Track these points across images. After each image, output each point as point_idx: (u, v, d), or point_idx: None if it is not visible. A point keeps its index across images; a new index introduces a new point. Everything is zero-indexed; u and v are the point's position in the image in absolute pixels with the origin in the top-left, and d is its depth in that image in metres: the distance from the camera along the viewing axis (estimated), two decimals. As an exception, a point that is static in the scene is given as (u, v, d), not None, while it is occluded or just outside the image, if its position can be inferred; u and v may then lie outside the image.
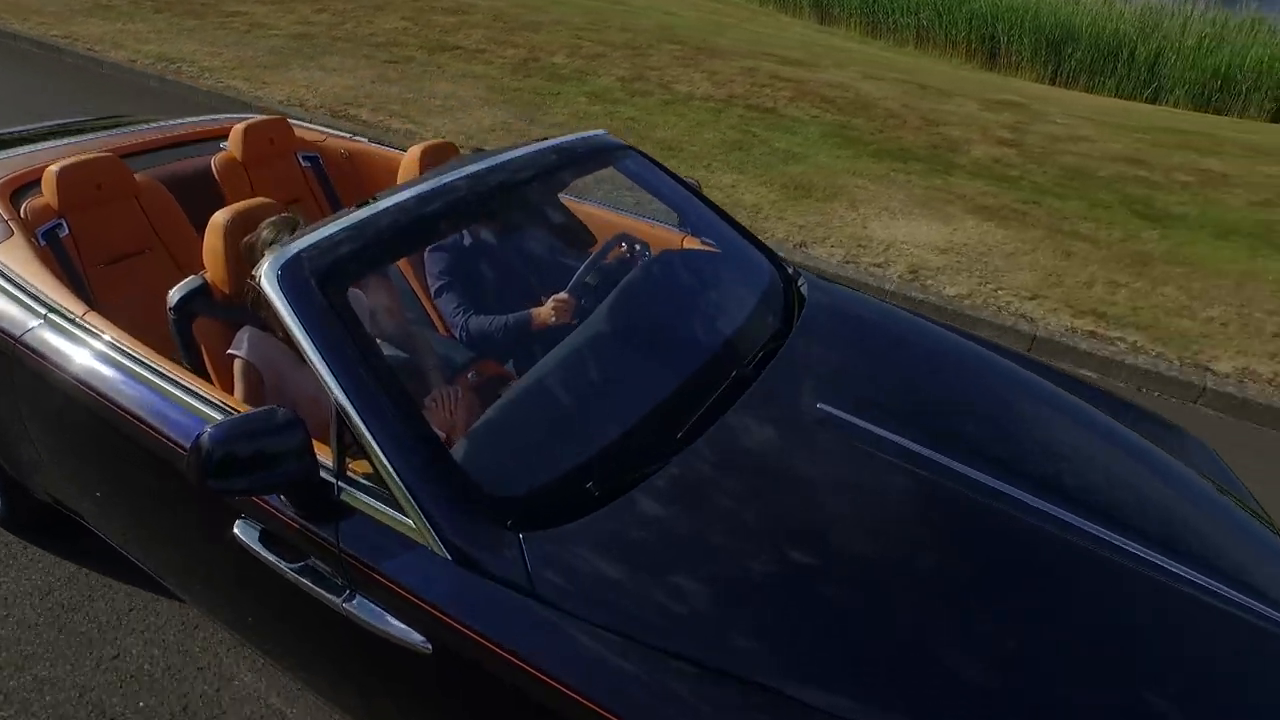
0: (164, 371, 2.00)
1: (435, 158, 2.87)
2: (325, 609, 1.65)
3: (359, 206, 1.96)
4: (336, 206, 3.44)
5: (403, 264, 2.89)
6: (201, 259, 2.41)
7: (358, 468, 1.66)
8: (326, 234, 1.84)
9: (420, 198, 2.03)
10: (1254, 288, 5.50)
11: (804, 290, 2.58)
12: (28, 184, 2.64)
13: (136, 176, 2.78)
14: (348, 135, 3.62)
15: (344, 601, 1.63)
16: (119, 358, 2.05)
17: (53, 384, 2.13)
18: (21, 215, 2.53)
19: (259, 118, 3.23)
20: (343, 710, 2.02)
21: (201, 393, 1.94)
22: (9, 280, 2.28)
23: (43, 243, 2.50)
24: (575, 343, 2.07)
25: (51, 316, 2.18)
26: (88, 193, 2.62)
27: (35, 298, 2.23)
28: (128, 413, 1.97)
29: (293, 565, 1.71)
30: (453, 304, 2.73)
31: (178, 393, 1.95)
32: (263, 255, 1.91)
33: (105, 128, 3.35)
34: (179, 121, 3.49)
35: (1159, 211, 6.65)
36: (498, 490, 1.62)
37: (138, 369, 2.02)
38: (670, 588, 1.53)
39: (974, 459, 1.86)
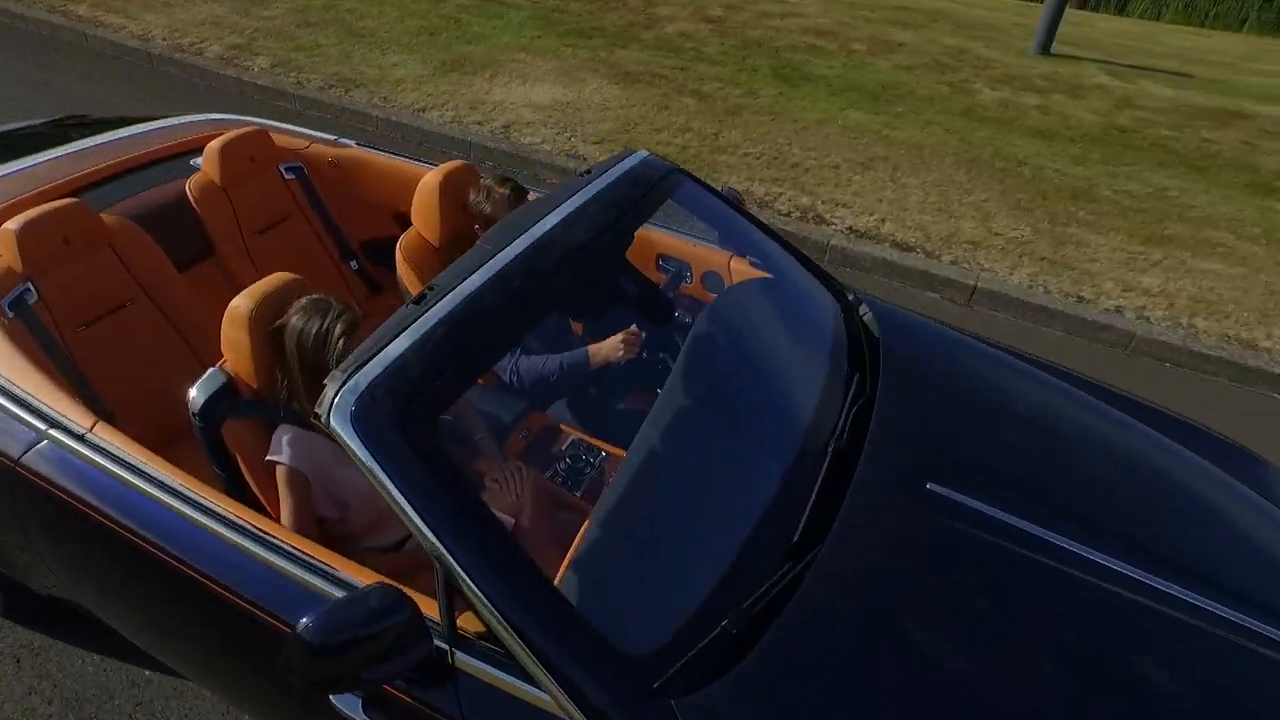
0: (208, 505, 1.75)
1: (456, 181, 2.60)
2: None
3: (418, 301, 1.62)
4: (327, 220, 3.19)
5: (416, 287, 2.53)
6: (187, 304, 2.42)
7: (467, 624, 1.49)
8: (396, 354, 1.50)
9: (495, 284, 1.69)
10: (813, 132, 6.10)
11: (867, 320, 2.42)
12: None
13: (104, 217, 2.44)
14: (331, 139, 3.32)
15: None
16: (144, 485, 1.79)
17: (65, 514, 1.86)
18: None
19: (235, 131, 2.89)
20: None
21: (251, 527, 1.71)
22: None
23: (10, 314, 2.17)
24: (659, 431, 1.82)
25: (54, 433, 1.88)
26: (54, 248, 2.28)
27: (32, 409, 1.91)
28: (172, 555, 1.74)
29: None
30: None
31: (229, 533, 1.71)
32: (295, 347, 1.86)
33: (45, 136, 3.03)
34: (137, 131, 3.11)
35: (801, 75, 7.18)
36: (632, 647, 1.42)
37: (170, 499, 1.76)
38: None
39: (1087, 535, 1.77)
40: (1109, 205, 5.52)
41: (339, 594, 1.58)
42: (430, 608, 1.48)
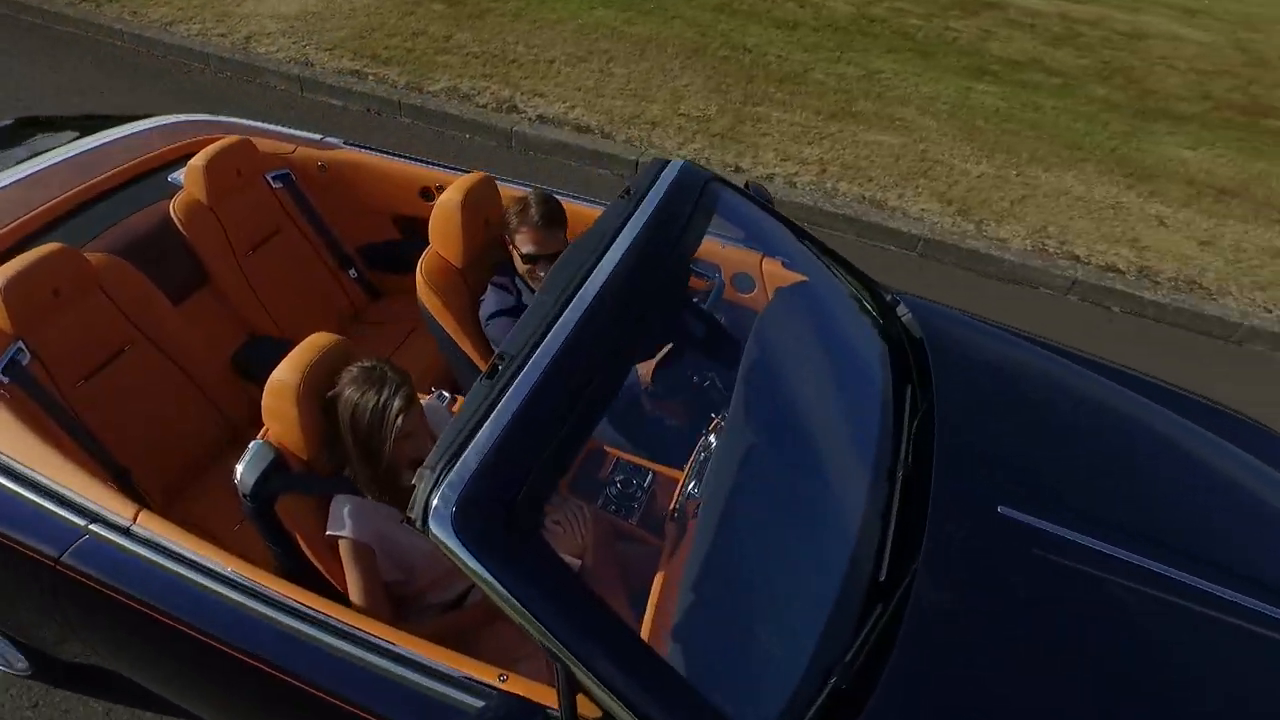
0: (267, 593, 1.68)
1: (476, 196, 2.42)
2: None
3: (490, 375, 1.50)
4: (320, 229, 2.97)
5: (440, 312, 2.40)
6: (187, 339, 2.37)
7: (584, 708, 1.44)
8: (488, 443, 1.39)
9: (572, 346, 1.56)
10: (547, 31, 6.30)
11: (906, 321, 2.38)
12: None
13: (89, 256, 2.24)
14: (317, 138, 3.06)
15: None
16: (197, 577, 1.71)
17: (114, 608, 1.76)
18: None
19: (217, 144, 2.63)
20: None
21: (316, 613, 1.66)
22: (12, 475, 1.83)
23: (6, 379, 2.01)
24: (731, 473, 1.81)
25: (94, 528, 1.77)
26: (43, 301, 2.10)
27: (68, 503, 1.80)
28: (234, 646, 1.67)
29: None
30: None
31: (293, 621, 1.65)
32: (350, 421, 1.76)
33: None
34: (101, 143, 2.83)
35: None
36: (757, 714, 1.46)
37: (226, 590, 1.69)
38: None
39: (1153, 549, 1.82)
40: (814, 87, 5.81)
41: (413, 676, 1.58)
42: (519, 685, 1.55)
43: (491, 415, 1.41)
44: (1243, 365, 4.05)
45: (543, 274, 2.36)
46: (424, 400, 2.41)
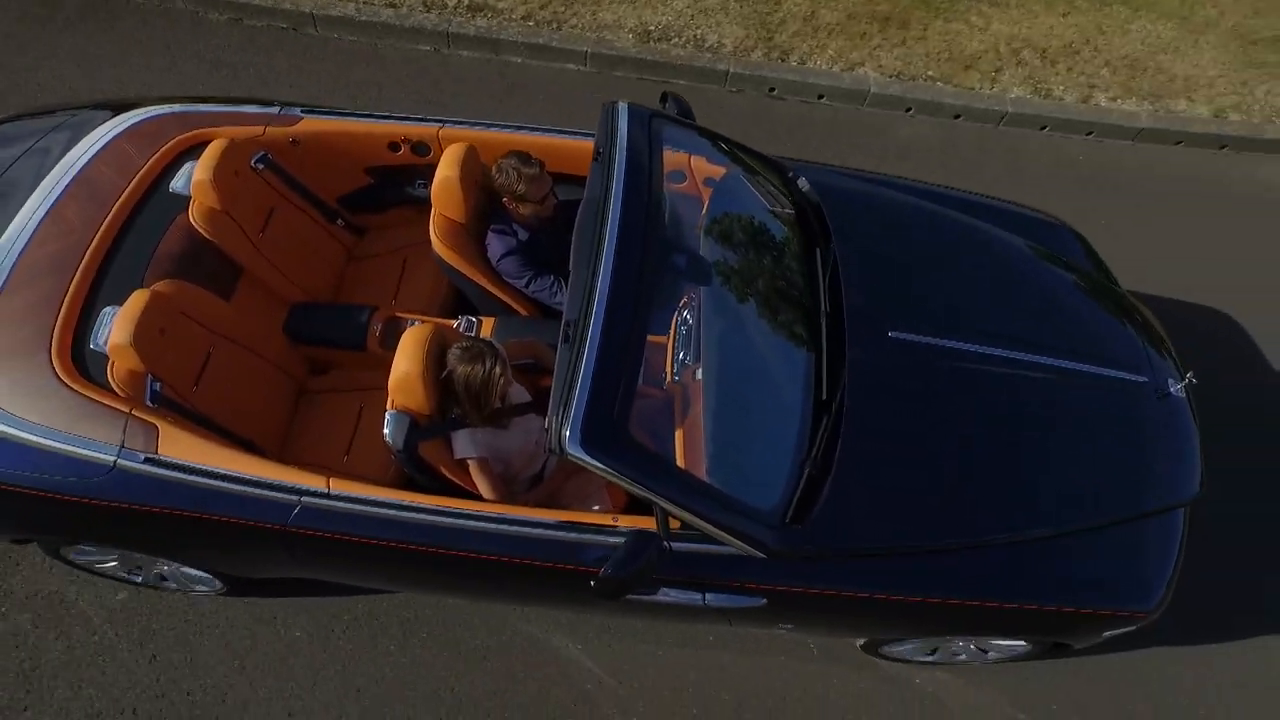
0: (430, 506, 2.47)
1: (469, 165, 2.95)
2: (691, 609, 2.64)
3: (567, 340, 2.26)
4: (305, 194, 3.31)
5: (456, 260, 3.01)
6: (247, 325, 2.91)
7: (674, 525, 2.35)
8: (586, 390, 2.18)
9: (614, 304, 2.32)
10: None
11: (804, 188, 3.14)
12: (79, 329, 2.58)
13: (160, 289, 2.63)
14: (276, 110, 3.26)
15: (705, 599, 2.55)
16: (390, 511, 2.46)
17: (328, 545, 2.52)
18: (123, 392, 2.50)
19: (209, 153, 2.85)
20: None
21: (473, 510, 2.48)
22: (216, 476, 2.44)
23: (154, 406, 2.52)
24: (715, 338, 2.62)
25: (307, 498, 2.45)
26: (155, 339, 2.52)
27: (279, 488, 2.46)
28: (418, 545, 2.48)
29: (662, 596, 2.57)
30: (546, 284, 3.09)
31: (458, 521, 2.46)
32: (464, 388, 2.43)
33: None
34: (83, 161, 2.96)
35: None
36: (767, 503, 2.39)
37: (408, 515, 2.46)
38: (893, 511, 2.54)
39: (955, 332, 2.81)
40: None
41: (548, 533, 2.46)
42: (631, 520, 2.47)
43: (580, 370, 2.21)
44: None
45: (538, 203, 3.00)
46: (455, 324, 3.12)
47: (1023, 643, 2.94)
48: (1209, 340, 4.23)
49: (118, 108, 3.23)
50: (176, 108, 3.23)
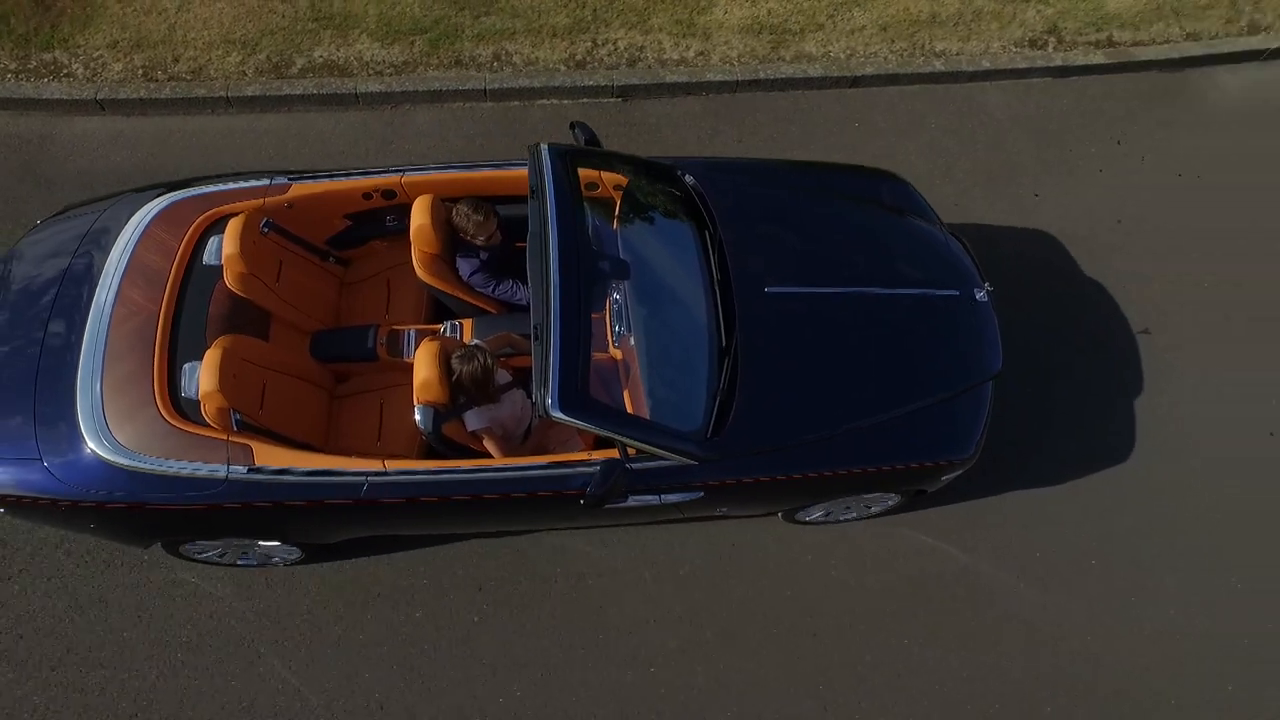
0: (471, 470, 3.50)
1: (436, 211, 3.87)
2: (653, 508, 3.79)
3: (539, 339, 3.25)
4: (301, 243, 4.13)
5: (438, 282, 3.99)
6: (284, 357, 3.79)
7: (631, 451, 3.40)
8: (556, 367, 3.20)
9: (567, 305, 3.33)
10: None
11: (689, 182, 4.10)
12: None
13: (223, 344, 3.44)
14: (267, 182, 4.02)
15: (661, 499, 3.66)
16: (430, 477, 3.46)
17: (400, 507, 3.52)
18: (216, 425, 3.37)
19: (231, 229, 3.66)
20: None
21: (494, 466, 3.52)
22: (303, 474, 3.39)
23: (239, 431, 3.41)
24: (641, 307, 3.63)
25: (372, 478, 3.42)
26: (231, 382, 3.38)
27: (349, 473, 3.43)
28: (457, 495, 3.53)
29: (631, 503, 3.66)
30: (508, 288, 4.09)
31: (481, 474, 3.50)
32: (470, 381, 3.41)
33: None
34: (129, 250, 3.72)
35: None
36: (693, 425, 3.45)
37: (444, 477, 3.47)
38: (782, 418, 3.61)
39: (814, 280, 3.93)
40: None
41: (545, 472, 3.50)
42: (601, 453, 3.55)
43: (550, 357, 3.21)
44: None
45: (489, 236, 3.94)
46: (441, 329, 4.05)
47: (893, 495, 4.10)
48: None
49: (139, 192, 4.01)
50: (191, 191, 3.98)
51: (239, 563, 4.15)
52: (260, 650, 4.08)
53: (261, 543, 3.87)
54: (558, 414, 3.18)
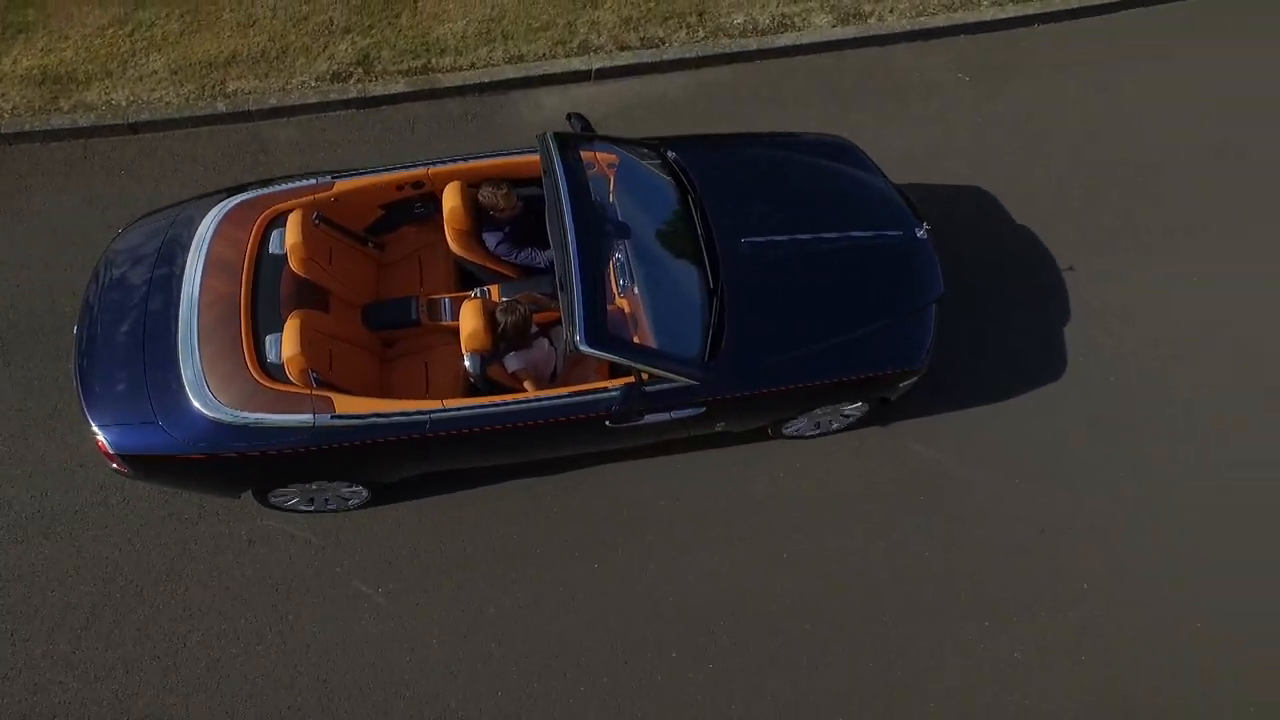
0: (516, 401, 4.22)
1: (466, 193, 4.63)
2: (664, 425, 4.56)
3: (564, 289, 4.06)
4: (346, 232, 4.84)
5: (469, 253, 4.78)
6: (342, 327, 4.48)
7: (645, 377, 4.20)
8: (581, 308, 3.98)
9: (585, 260, 4.09)
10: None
11: (673, 159, 4.86)
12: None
13: (298, 317, 4.17)
14: (314, 181, 4.73)
15: (671, 415, 4.43)
16: (486, 410, 4.18)
17: (461, 438, 4.25)
18: (299, 384, 4.10)
19: (293, 222, 4.37)
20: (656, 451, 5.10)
21: (534, 396, 4.26)
22: (377, 416, 4.13)
23: (318, 387, 4.14)
24: (642, 262, 4.43)
25: (434, 415, 4.14)
26: (307, 348, 4.11)
27: (415, 412, 4.15)
28: (510, 424, 4.26)
29: (646, 420, 4.44)
30: (528, 254, 4.84)
31: (520, 405, 4.23)
32: (513, 331, 4.21)
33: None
34: (207, 247, 4.41)
35: None
36: (692, 352, 4.24)
37: (498, 408, 4.19)
38: (764, 342, 4.41)
39: (783, 230, 4.70)
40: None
41: (576, 400, 4.24)
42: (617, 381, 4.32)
43: (575, 302, 3.99)
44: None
45: (510, 209, 4.67)
46: (472, 294, 4.79)
47: (860, 403, 4.91)
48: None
49: (203, 198, 4.73)
50: (249, 194, 4.70)
51: (313, 509, 4.86)
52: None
53: (339, 484, 4.59)
54: (586, 348, 3.94)
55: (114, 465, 4.22)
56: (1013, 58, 6.75)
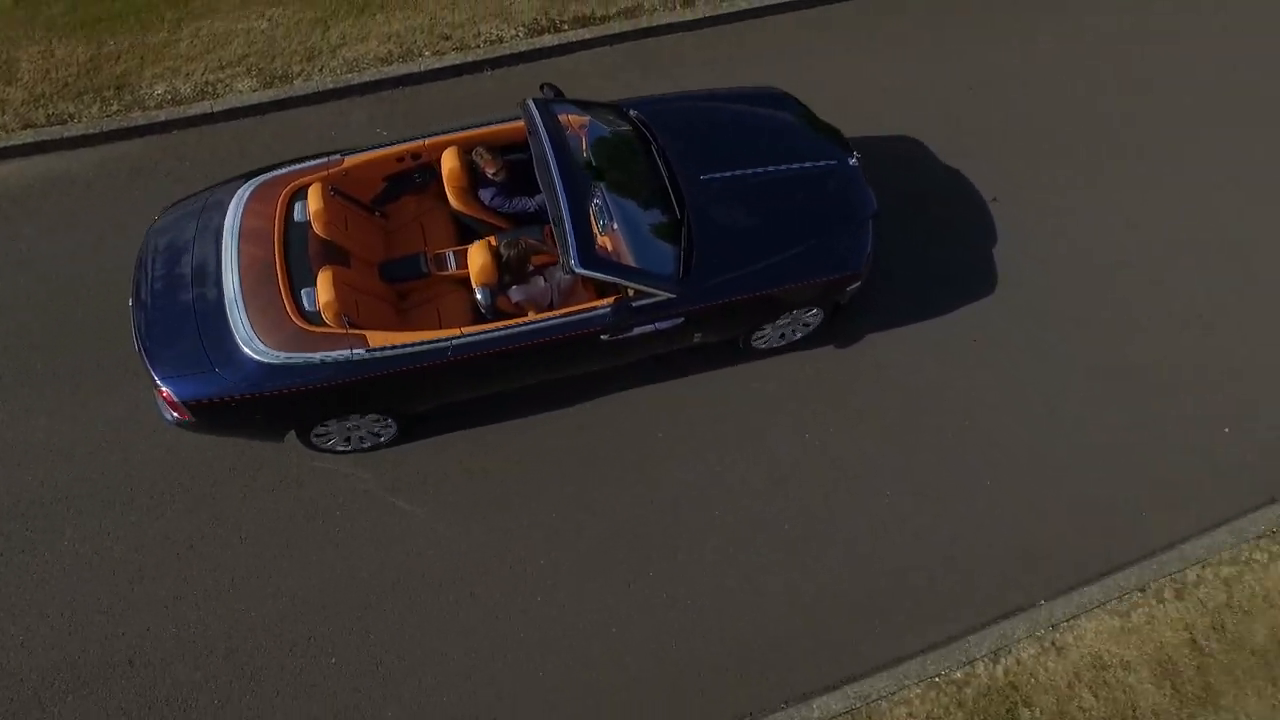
0: (523, 323, 4.93)
1: (461, 157, 5.36)
2: (654, 335, 5.33)
3: (557, 225, 4.81)
4: (356, 202, 5.47)
5: (468, 209, 5.53)
6: (362, 283, 5.08)
7: (631, 293, 5.00)
8: (572, 236, 4.71)
9: (573, 200, 4.85)
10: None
11: (635, 116, 5.70)
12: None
13: (328, 271, 4.84)
14: (326, 159, 5.44)
15: (655, 327, 5.22)
16: (501, 333, 4.88)
17: (481, 360, 4.95)
18: (335, 325, 4.76)
19: (314, 194, 5.05)
20: (642, 361, 5.76)
21: (541, 317, 4.98)
22: (406, 345, 4.81)
23: (351, 328, 4.79)
24: (618, 207, 5.11)
25: (455, 341, 4.84)
26: (339, 296, 4.76)
27: (438, 339, 4.83)
28: (523, 343, 4.96)
29: (634, 332, 5.22)
30: (519, 204, 5.51)
31: (529, 327, 4.94)
32: (516, 263, 4.99)
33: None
34: (239, 217, 5.10)
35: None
36: (668, 270, 5.06)
37: (512, 331, 4.89)
38: (727, 259, 5.25)
39: (735, 166, 5.55)
40: None
41: (576, 318, 4.99)
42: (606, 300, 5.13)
43: (567, 232, 4.80)
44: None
45: (501, 168, 5.41)
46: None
47: (815, 310, 5.70)
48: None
49: (228, 182, 5.40)
50: (271, 174, 5.39)
51: (349, 449, 5.52)
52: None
53: (371, 418, 5.26)
54: (580, 269, 4.68)
55: (176, 415, 4.86)
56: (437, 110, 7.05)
